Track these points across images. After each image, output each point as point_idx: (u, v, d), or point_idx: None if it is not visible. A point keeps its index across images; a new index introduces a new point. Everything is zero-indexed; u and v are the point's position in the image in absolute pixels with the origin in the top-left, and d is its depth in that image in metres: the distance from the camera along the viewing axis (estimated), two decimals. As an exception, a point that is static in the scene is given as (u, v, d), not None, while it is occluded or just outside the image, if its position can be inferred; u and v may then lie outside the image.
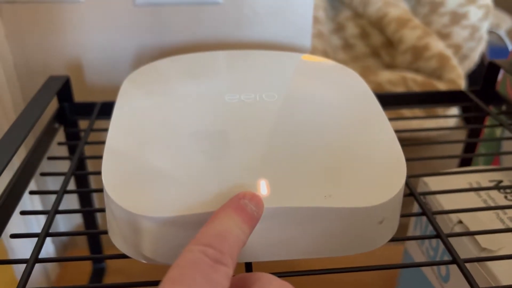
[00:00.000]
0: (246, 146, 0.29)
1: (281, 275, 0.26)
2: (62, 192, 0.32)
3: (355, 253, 0.27)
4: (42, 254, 0.29)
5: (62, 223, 0.62)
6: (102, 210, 0.30)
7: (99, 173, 0.35)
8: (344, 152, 0.29)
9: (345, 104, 0.34)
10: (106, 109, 0.44)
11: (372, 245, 0.27)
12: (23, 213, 0.32)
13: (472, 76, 1.06)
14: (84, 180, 0.49)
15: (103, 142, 0.39)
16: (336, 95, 0.35)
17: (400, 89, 0.92)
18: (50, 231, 0.30)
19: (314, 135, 0.30)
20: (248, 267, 0.27)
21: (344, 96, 0.35)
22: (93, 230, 0.31)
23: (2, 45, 0.49)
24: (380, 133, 0.31)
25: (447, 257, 0.37)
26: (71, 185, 0.53)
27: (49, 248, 0.59)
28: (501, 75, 0.49)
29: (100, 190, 0.31)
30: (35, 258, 0.27)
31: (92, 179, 0.55)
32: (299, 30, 0.49)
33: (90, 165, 0.54)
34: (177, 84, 0.36)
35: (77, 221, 0.62)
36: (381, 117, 0.33)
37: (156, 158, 0.28)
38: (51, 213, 0.31)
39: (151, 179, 0.27)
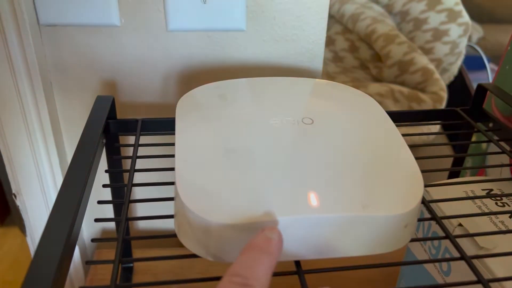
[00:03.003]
0: (295, 164, 0.35)
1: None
2: (127, 201, 0.38)
3: (385, 252, 0.33)
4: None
5: (86, 229, 0.67)
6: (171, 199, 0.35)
7: (153, 184, 0.41)
8: (373, 169, 0.35)
9: (368, 127, 0.40)
10: (145, 126, 0.49)
11: (399, 245, 0.33)
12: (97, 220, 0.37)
13: (451, 87, 1.15)
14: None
15: (149, 156, 0.44)
16: (361, 120, 0.42)
17: (388, 100, 0.99)
18: (126, 236, 0.35)
19: (349, 155, 0.36)
20: (297, 263, 0.33)
21: (367, 120, 0.42)
22: (164, 235, 0.36)
23: (42, 65, 0.54)
24: (399, 152, 0.38)
25: (448, 255, 0.43)
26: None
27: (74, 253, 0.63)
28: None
29: (170, 199, 0.37)
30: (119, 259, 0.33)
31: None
32: (313, 56, 0.56)
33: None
34: (228, 108, 0.42)
35: (99, 227, 0.66)
36: (398, 138, 0.39)
37: (221, 172, 0.34)
38: (123, 220, 0.36)
39: (220, 190, 0.32)
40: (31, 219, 0.62)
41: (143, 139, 0.59)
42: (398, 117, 0.55)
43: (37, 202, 0.61)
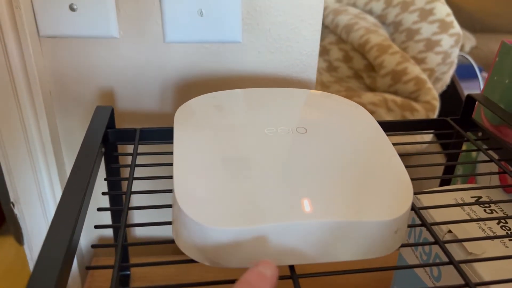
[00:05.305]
0: (289, 172, 0.36)
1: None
2: (127, 208, 0.39)
3: (376, 257, 0.34)
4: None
5: (83, 236, 0.68)
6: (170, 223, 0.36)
7: (151, 192, 0.42)
8: (365, 177, 0.36)
9: (360, 136, 0.42)
10: (144, 135, 0.50)
11: (389, 250, 0.35)
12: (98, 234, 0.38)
13: (443, 95, 1.17)
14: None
15: (147, 165, 0.45)
16: (353, 129, 0.43)
17: (381, 109, 1.01)
18: (125, 242, 0.36)
19: (341, 163, 0.38)
20: (291, 268, 0.34)
21: (358, 129, 0.43)
22: (162, 241, 0.37)
23: (42, 74, 0.55)
24: (389, 160, 0.39)
25: (439, 260, 0.44)
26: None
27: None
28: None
29: (167, 206, 0.38)
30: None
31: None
32: (306, 66, 0.57)
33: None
34: (224, 117, 0.43)
35: (97, 234, 0.67)
36: (389, 147, 0.41)
37: (218, 180, 0.35)
38: (122, 226, 0.37)
39: (216, 197, 0.34)
40: (29, 228, 0.63)
41: (142, 148, 0.60)
42: (390, 127, 0.56)
43: (35, 211, 0.62)
